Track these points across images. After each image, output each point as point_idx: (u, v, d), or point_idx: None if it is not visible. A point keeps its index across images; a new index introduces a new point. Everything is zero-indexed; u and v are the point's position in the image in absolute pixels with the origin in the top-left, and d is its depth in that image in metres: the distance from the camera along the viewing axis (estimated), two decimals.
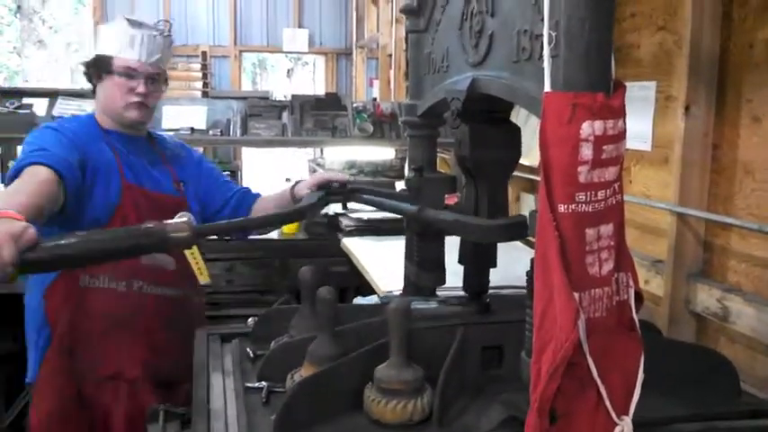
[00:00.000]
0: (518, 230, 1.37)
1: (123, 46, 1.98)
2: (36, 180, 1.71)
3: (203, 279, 2.04)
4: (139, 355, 2.04)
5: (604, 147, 1.06)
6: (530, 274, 1.18)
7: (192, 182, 2.21)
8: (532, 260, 1.11)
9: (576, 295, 1.04)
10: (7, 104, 3.94)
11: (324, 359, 1.31)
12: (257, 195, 2.32)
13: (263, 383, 1.39)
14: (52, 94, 4.06)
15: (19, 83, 11.39)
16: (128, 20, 1.98)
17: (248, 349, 1.59)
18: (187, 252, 1.99)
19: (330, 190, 1.93)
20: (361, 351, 1.30)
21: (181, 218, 1.52)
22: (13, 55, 13.08)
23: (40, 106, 3.99)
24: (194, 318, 2.13)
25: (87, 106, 4.02)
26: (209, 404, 1.34)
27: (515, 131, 1.49)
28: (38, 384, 2.04)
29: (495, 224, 1.31)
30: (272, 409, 1.29)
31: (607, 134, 1.06)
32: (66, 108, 4.02)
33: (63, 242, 1.33)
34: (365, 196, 1.86)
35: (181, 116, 3.82)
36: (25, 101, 4.00)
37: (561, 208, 1.05)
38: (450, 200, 1.69)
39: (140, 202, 2.02)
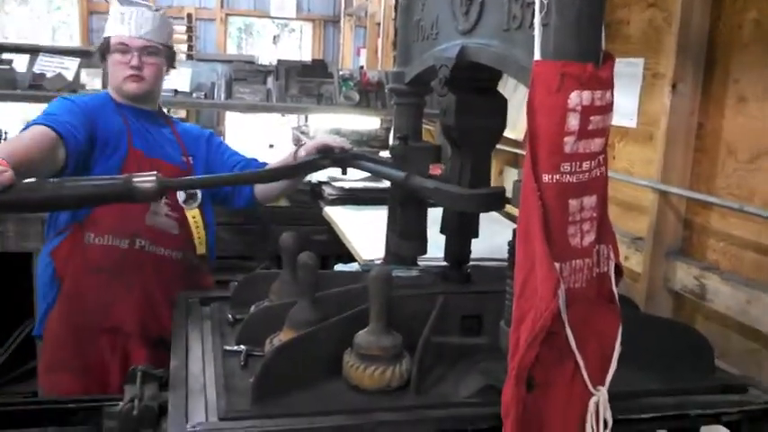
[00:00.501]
0: (497, 201, 1.39)
1: (116, 24, 2.13)
2: (31, 135, 1.83)
3: (199, 249, 2.19)
4: (136, 312, 2.12)
5: (591, 117, 1.06)
6: (511, 245, 1.18)
7: (200, 156, 2.29)
8: (515, 230, 1.11)
9: (557, 265, 1.04)
10: None
11: (303, 324, 1.30)
12: (263, 164, 2.34)
13: (242, 347, 1.38)
14: (33, 51, 3.98)
15: None
16: (118, 1, 2.15)
17: (228, 313, 1.58)
18: (190, 218, 2.17)
19: (332, 155, 1.94)
20: (340, 317, 1.30)
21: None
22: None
23: (20, 63, 3.92)
24: (198, 283, 2.20)
25: (69, 63, 3.95)
26: (186, 367, 1.34)
27: (502, 101, 1.48)
28: (43, 336, 2.17)
29: (475, 193, 1.32)
30: (250, 372, 1.29)
31: (594, 105, 1.06)
32: (47, 65, 3.95)
33: (34, 186, 1.39)
34: (364, 163, 1.83)
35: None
36: (5, 56, 3.92)
37: (545, 177, 1.05)
38: (435, 170, 1.68)
39: (144, 169, 2.03)
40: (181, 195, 2.18)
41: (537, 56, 1.07)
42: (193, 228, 2.20)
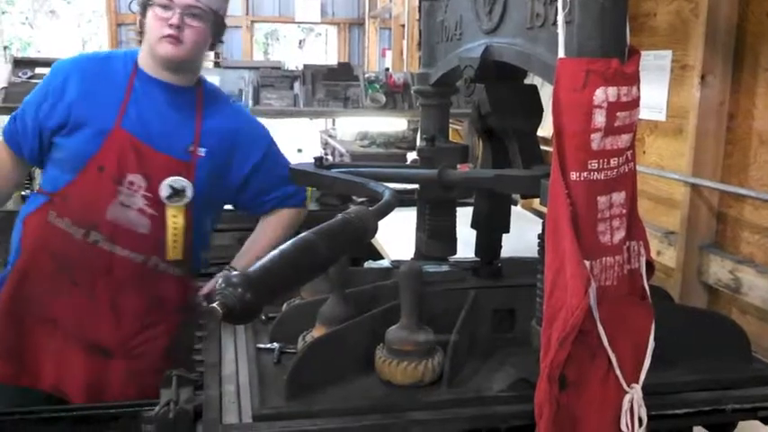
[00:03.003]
0: None
1: None
2: None
3: (171, 254, 1.93)
4: (76, 311, 1.93)
5: (618, 113, 1.06)
6: (542, 238, 1.19)
7: (225, 158, 1.99)
8: (544, 226, 1.11)
9: (588, 263, 1.05)
10: (20, 74, 3.95)
11: (335, 320, 1.32)
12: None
13: (275, 344, 1.40)
14: None
15: (31, 54, 11.39)
16: None
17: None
18: (169, 217, 1.89)
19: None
20: (371, 312, 1.32)
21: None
22: (24, 26, 13.06)
23: None
24: (160, 293, 1.98)
25: None
26: (220, 368, 1.37)
27: (532, 88, 1.49)
28: None
29: (541, 174, 1.23)
30: (283, 369, 1.31)
31: (621, 101, 1.06)
32: None
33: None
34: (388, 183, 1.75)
35: None
36: (38, 71, 4.01)
37: (573, 175, 1.05)
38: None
39: (127, 155, 1.88)
40: (164, 190, 1.88)
41: (561, 53, 1.08)
42: (170, 228, 1.91)
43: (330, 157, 4.62)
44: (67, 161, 1.91)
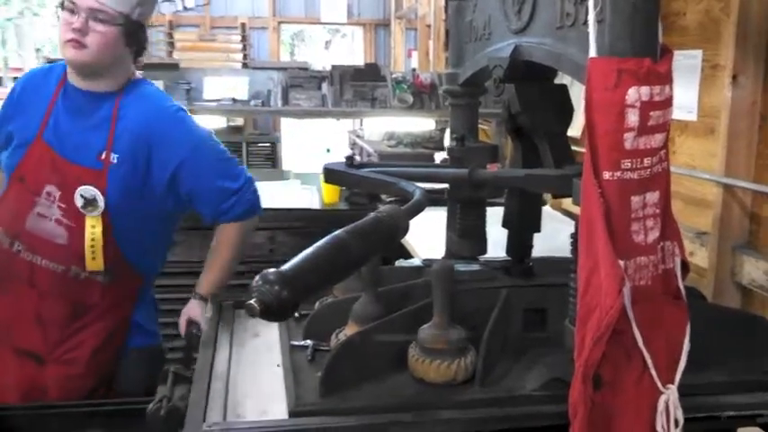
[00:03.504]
0: None
1: None
2: None
3: (90, 265, 1.90)
4: (3, 319, 1.97)
5: (651, 113, 1.06)
6: (574, 237, 1.19)
7: (141, 162, 1.92)
8: (576, 225, 1.12)
9: (622, 263, 1.05)
10: None
11: (367, 318, 1.33)
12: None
13: (308, 342, 1.42)
14: None
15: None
16: None
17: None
18: (87, 227, 1.87)
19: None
20: (404, 311, 1.33)
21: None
22: (55, 28, 13.30)
23: None
24: (86, 301, 1.96)
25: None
26: (211, 368, 1.36)
27: (563, 88, 1.49)
28: None
29: (573, 173, 1.23)
30: (317, 366, 1.33)
31: (654, 100, 1.06)
32: None
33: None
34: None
35: (222, 87, 3.88)
36: None
37: (606, 175, 1.05)
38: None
39: (43, 169, 1.90)
40: (78, 200, 1.86)
41: (592, 53, 1.08)
42: (87, 238, 1.87)
43: (358, 157, 4.65)
44: (4, 174, 1.96)
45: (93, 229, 1.87)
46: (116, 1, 1.81)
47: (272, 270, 0.94)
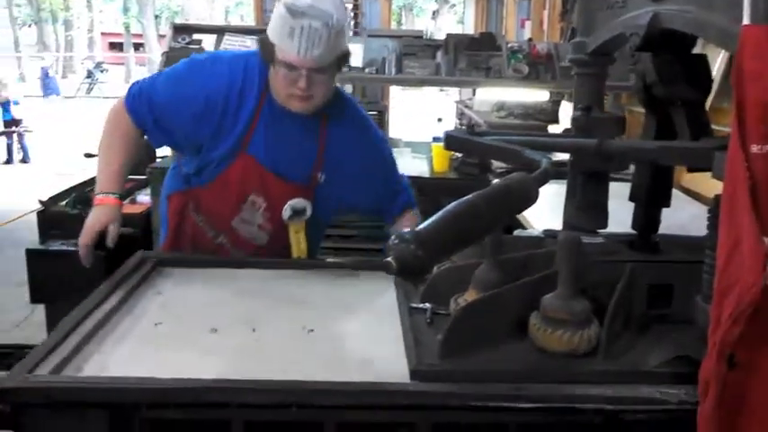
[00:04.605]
0: None
1: (283, 37, 1.76)
2: (120, 141, 1.94)
3: (296, 255, 1.98)
4: None
5: None
6: (713, 213, 1.15)
7: (345, 183, 1.98)
8: (716, 197, 1.08)
9: (766, 240, 1.01)
10: (179, 40, 4.22)
11: (488, 285, 1.34)
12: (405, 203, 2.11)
13: (427, 305, 1.45)
14: (219, 31, 4.29)
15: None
16: (287, 7, 1.75)
17: None
18: (292, 233, 1.94)
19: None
20: (527, 280, 1.33)
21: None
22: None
23: (208, 42, 4.24)
24: None
25: (250, 42, 4.23)
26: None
27: (702, 58, 1.43)
28: None
29: (713, 146, 1.18)
30: (435, 329, 1.35)
31: None
32: (231, 44, 4.25)
33: None
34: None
35: None
36: (195, 36, 4.26)
37: (754, 148, 1.01)
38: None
39: (250, 182, 1.94)
40: (286, 212, 1.92)
41: (746, 20, 1.03)
42: (293, 242, 1.96)
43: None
44: (198, 168, 1.96)
45: (297, 234, 1.96)
46: (332, 52, 1.80)
47: (407, 230, 0.97)
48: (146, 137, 1.97)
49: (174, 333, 1.46)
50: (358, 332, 1.48)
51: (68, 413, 1.17)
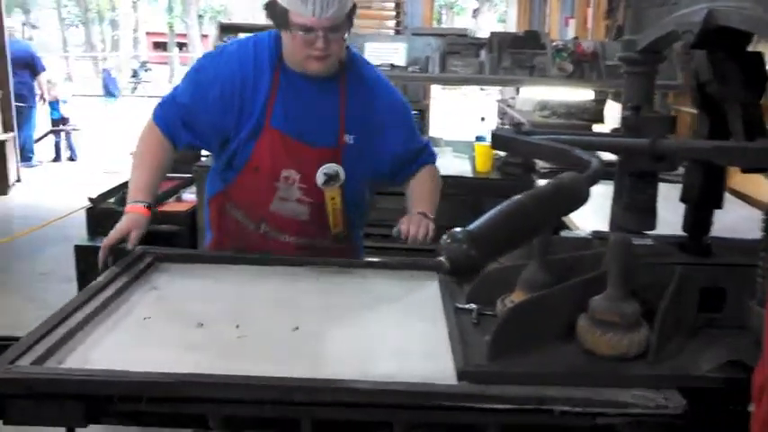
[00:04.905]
0: None
1: (296, 1, 1.79)
2: (150, 154, 1.98)
3: (334, 230, 2.02)
4: None
5: None
6: None
7: (371, 141, 2.01)
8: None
9: None
10: (225, 39, 4.28)
11: (536, 286, 1.33)
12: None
13: (473, 305, 1.44)
14: (264, 29, 4.34)
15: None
16: None
17: None
18: (328, 200, 1.96)
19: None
20: (575, 281, 1.31)
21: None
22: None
23: None
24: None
25: None
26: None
27: (758, 56, 1.40)
28: None
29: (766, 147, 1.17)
30: (482, 330, 1.35)
31: None
32: None
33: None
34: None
35: (381, 52, 3.93)
36: (241, 36, 4.32)
37: None
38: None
39: (278, 152, 1.96)
40: (320, 178, 1.93)
41: None
42: (330, 210, 1.99)
43: (508, 128, 4.58)
44: (228, 159, 2.00)
45: (334, 200, 1.97)
46: (344, 7, 1.84)
47: (459, 229, 0.96)
48: (177, 147, 2.01)
49: (159, 327, 1.48)
50: (347, 330, 1.47)
51: (48, 404, 1.21)
